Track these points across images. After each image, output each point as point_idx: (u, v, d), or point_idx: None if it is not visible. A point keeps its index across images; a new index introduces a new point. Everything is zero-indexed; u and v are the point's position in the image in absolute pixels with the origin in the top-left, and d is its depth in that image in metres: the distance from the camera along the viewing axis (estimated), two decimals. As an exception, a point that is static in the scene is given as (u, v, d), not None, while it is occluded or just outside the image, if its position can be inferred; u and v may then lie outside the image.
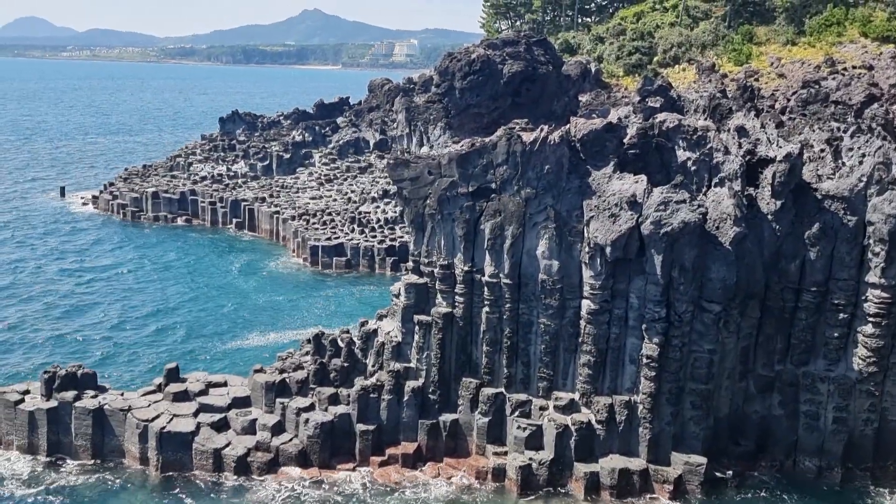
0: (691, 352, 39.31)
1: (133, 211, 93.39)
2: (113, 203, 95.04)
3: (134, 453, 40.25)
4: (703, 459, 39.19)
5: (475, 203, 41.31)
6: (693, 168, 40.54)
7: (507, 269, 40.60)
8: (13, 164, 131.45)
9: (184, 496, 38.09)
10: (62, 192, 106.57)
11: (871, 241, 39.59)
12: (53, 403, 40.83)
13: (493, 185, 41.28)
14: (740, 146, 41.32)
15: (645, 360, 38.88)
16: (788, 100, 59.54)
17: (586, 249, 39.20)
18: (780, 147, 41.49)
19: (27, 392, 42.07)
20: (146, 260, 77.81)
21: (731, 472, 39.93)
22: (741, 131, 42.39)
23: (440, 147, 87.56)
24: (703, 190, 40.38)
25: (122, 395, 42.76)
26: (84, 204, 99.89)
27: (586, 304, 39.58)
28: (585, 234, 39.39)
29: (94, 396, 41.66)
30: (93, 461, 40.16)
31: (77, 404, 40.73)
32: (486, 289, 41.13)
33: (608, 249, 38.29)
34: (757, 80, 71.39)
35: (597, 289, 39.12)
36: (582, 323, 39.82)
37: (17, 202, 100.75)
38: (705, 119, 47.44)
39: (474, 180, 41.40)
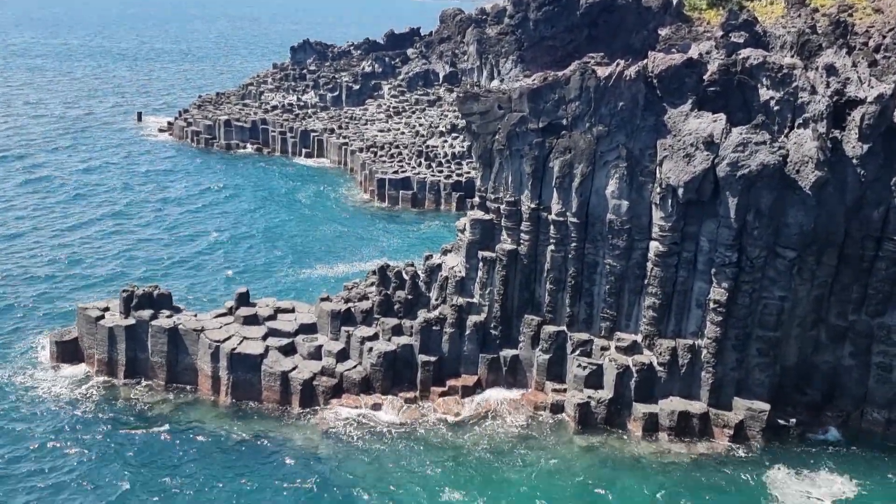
0: (761, 298, 38.34)
1: (206, 138, 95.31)
2: (187, 130, 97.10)
3: (206, 372, 42.12)
4: (766, 406, 38.67)
5: (545, 139, 40.57)
6: (776, 108, 38.72)
7: (575, 208, 40.03)
8: (95, 88, 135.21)
9: (250, 417, 39.84)
10: (139, 117, 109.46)
11: (965, 190, 37.38)
12: (131, 321, 42.88)
13: (564, 122, 40.39)
14: (828, 85, 39.13)
15: (712, 305, 38.15)
16: (884, 37, 55.86)
17: (658, 190, 38.23)
18: (872, 87, 39.11)
19: (107, 309, 44.22)
20: (217, 187, 79.73)
21: (794, 421, 39.29)
22: (830, 70, 40.05)
23: (511, 81, 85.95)
24: (786, 131, 38.63)
25: (195, 316, 44.55)
26: (160, 130, 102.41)
27: (654, 246, 38.85)
28: (657, 175, 38.36)
29: (170, 316, 43.54)
30: (167, 384, 42.11)
31: (153, 323, 42.68)
32: (552, 227, 40.74)
33: (680, 191, 37.25)
34: (851, 15, 67.03)
35: (666, 231, 38.28)
36: (649, 265, 39.18)
37: (98, 126, 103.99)
38: (792, 56, 45.01)
39: (545, 116, 40.56)
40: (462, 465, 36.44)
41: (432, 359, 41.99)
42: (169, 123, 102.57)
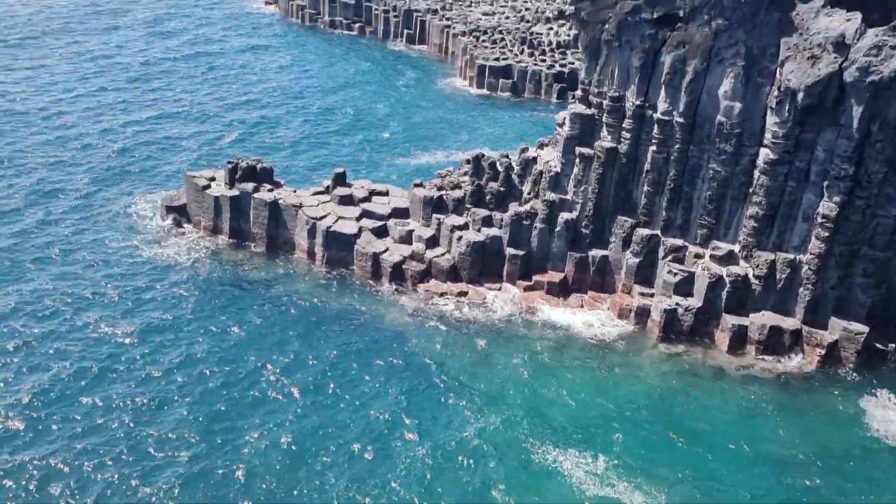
0: (874, 216, 36.16)
1: (310, 13, 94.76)
2: (292, 3, 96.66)
3: (303, 246, 43.79)
4: (864, 328, 37.20)
5: (658, 31, 38.32)
6: (922, 9, 35.04)
7: (683, 108, 38.14)
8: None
9: (343, 290, 41.51)
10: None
11: None
12: (235, 192, 44.62)
13: (681, 13, 37.91)
14: None
15: (820, 220, 36.29)
16: None
17: (775, 93, 35.83)
18: None
19: (213, 179, 46.06)
20: (317, 67, 79.82)
21: (893, 346, 37.75)
22: None
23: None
24: (929, 36, 35.04)
25: (294, 192, 45.89)
26: (267, 3, 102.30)
27: (765, 153, 36.84)
28: (777, 77, 35.85)
29: (271, 190, 45.03)
30: (267, 251, 44.23)
31: (255, 196, 44.28)
32: (656, 126, 39.11)
33: (801, 95, 34.79)
34: None
35: (780, 137, 36.12)
36: (756, 173, 37.33)
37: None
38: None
39: (661, 6, 38.11)
40: (538, 361, 37.07)
41: (520, 252, 42.11)
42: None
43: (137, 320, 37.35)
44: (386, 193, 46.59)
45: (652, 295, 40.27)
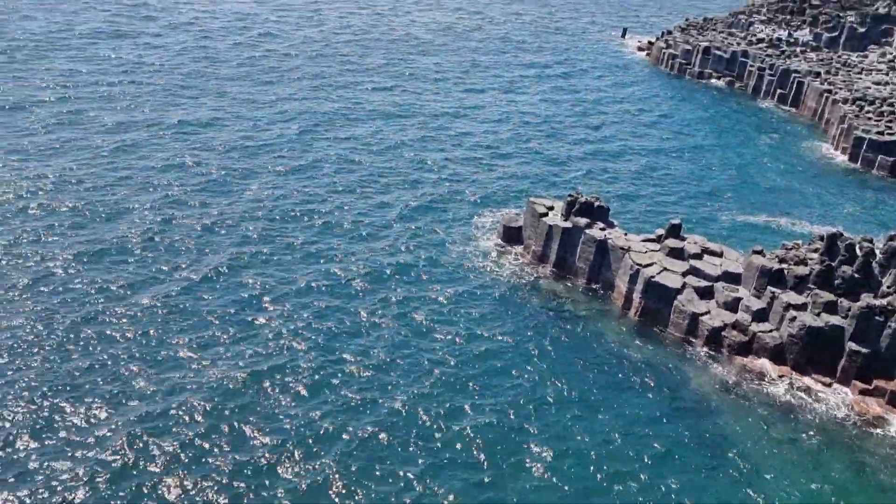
0: None
1: (681, 63, 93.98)
2: (664, 52, 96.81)
3: (621, 290, 43.65)
4: None
5: None
6: None
7: None
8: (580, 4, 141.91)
9: (653, 343, 40.51)
10: (623, 33, 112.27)
11: None
12: (569, 224, 46.09)
13: None
14: None
15: None
16: None
17: None
18: None
19: (551, 208, 48.11)
20: (679, 115, 78.84)
21: None
22: None
23: None
24: None
25: (625, 235, 45.99)
26: (639, 49, 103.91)
27: None
28: None
29: (603, 229, 45.67)
30: (585, 287, 44.90)
31: (587, 231, 45.27)
32: None
33: None
34: None
35: None
36: None
37: (583, 39, 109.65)
38: None
39: None
40: (875, 479, 32.39)
41: (864, 350, 37.27)
42: (649, 43, 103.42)
43: (447, 326, 40.14)
44: (720, 254, 44.47)
45: None
